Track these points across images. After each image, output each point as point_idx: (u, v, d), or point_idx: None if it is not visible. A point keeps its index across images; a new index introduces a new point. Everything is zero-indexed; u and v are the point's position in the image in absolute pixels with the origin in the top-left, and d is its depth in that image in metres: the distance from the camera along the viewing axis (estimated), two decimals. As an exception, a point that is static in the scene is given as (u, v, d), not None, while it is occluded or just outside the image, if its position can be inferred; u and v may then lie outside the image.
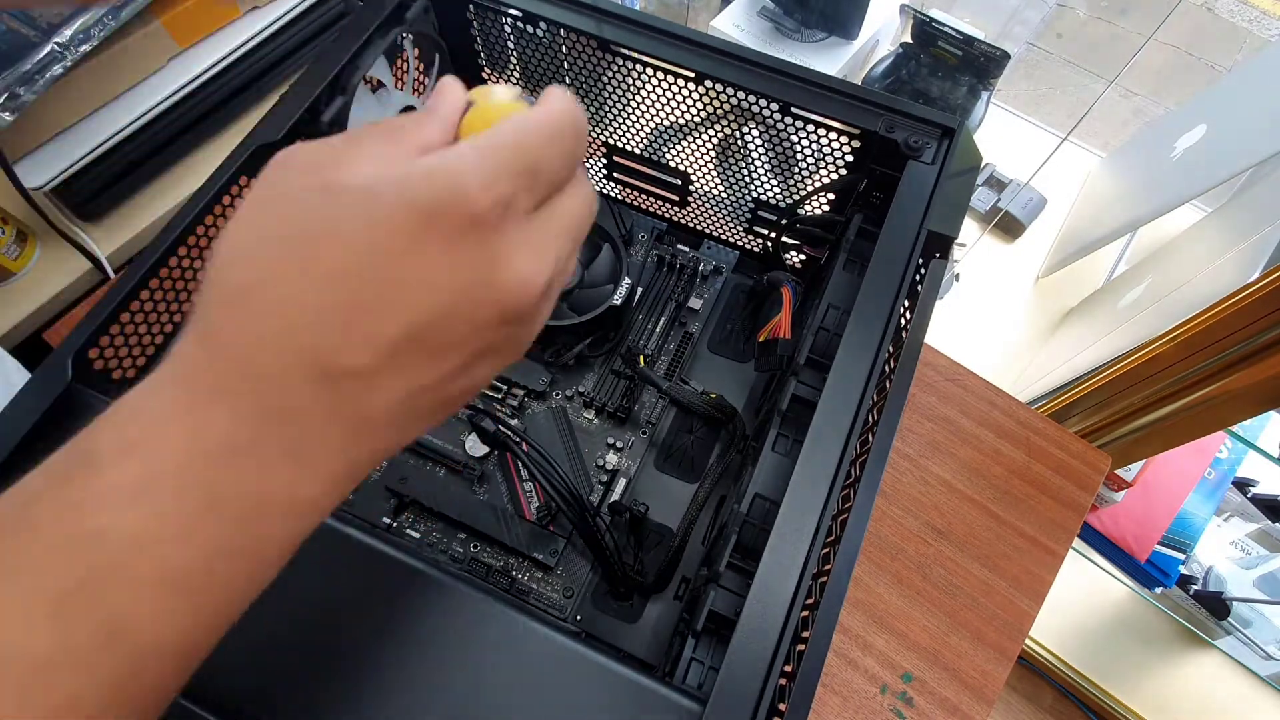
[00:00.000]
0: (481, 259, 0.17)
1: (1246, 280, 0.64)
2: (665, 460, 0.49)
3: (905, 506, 0.57)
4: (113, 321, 0.34)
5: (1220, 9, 1.69)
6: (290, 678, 0.27)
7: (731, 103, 0.43)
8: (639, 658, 0.43)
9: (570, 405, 0.51)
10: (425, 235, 0.17)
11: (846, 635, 0.52)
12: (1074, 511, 0.57)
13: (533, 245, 0.18)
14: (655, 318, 0.54)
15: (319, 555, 0.28)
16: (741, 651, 0.27)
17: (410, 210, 0.16)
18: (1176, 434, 0.78)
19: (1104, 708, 1.03)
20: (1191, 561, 1.00)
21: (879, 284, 0.35)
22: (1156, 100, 1.57)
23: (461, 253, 0.17)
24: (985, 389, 0.62)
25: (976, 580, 0.54)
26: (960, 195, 0.37)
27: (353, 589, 0.28)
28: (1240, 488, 1.04)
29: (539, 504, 0.47)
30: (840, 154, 0.43)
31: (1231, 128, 0.95)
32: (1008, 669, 0.51)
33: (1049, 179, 1.18)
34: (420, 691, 0.26)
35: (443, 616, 0.28)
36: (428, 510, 0.47)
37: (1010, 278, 1.20)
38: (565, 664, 0.27)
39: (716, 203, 0.52)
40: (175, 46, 0.71)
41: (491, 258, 0.17)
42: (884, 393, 0.33)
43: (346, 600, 0.28)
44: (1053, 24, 1.60)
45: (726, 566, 0.33)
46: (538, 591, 0.45)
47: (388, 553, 0.29)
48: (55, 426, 0.30)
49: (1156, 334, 0.74)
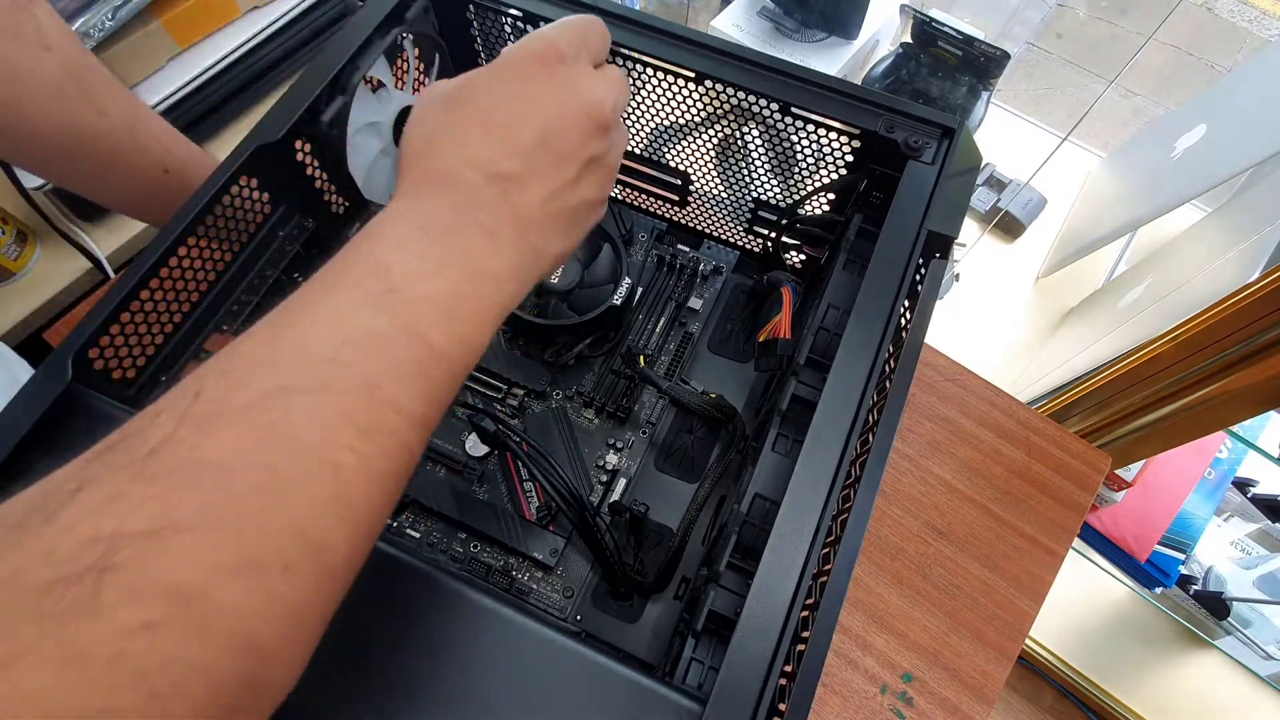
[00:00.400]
0: (572, 82, 0.27)
1: (1246, 280, 0.64)
2: (665, 460, 0.49)
3: (905, 506, 0.57)
4: (113, 321, 0.34)
5: (1220, 9, 1.69)
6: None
7: (731, 103, 0.43)
8: (639, 658, 0.43)
9: (570, 405, 0.51)
10: (535, 70, 0.26)
11: (846, 635, 0.52)
12: (1074, 511, 0.57)
13: (601, 78, 0.28)
14: (655, 318, 0.54)
15: (319, 555, 0.28)
16: (741, 651, 0.27)
17: (523, 56, 0.27)
18: (1176, 434, 0.78)
19: (1104, 708, 1.03)
20: (1191, 561, 1.00)
21: (879, 284, 0.35)
22: (1156, 100, 1.57)
23: (560, 79, 0.27)
24: (985, 389, 0.62)
25: (976, 580, 0.54)
26: (960, 195, 0.37)
27: (351, 589, 0.28)
28: (1240, 488, 1.04)
29: (539, 504, 0.47)
30: (840, 154, 0.43)
31: (1231, 128, 0.95)
32: (1008, 669, 0.51)
33: (1049, 179, 1.18)
34: (419, 691, 0.26)
35: (442, 616, 0.28)
36: (428, 510, 0.47)
37: (1010, 278, 1.20)
38: (565, 664, 0.27)
39: (716, 203, 0.52)
40: (175, 46, 0.71)
41: (577, 82, 0.27)
42: (884, 393, 0.33)
43: (346, 600, 0.28)
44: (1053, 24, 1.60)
45: (726, 566, 0.33)
46: (538, 591, 0.45)
47: (388, 553, 0.29)
48: (55, 426, 0.30)
49: (1156, 334, 0.74)
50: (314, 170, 0.43)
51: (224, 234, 0.39)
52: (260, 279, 0.42)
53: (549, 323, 0.49)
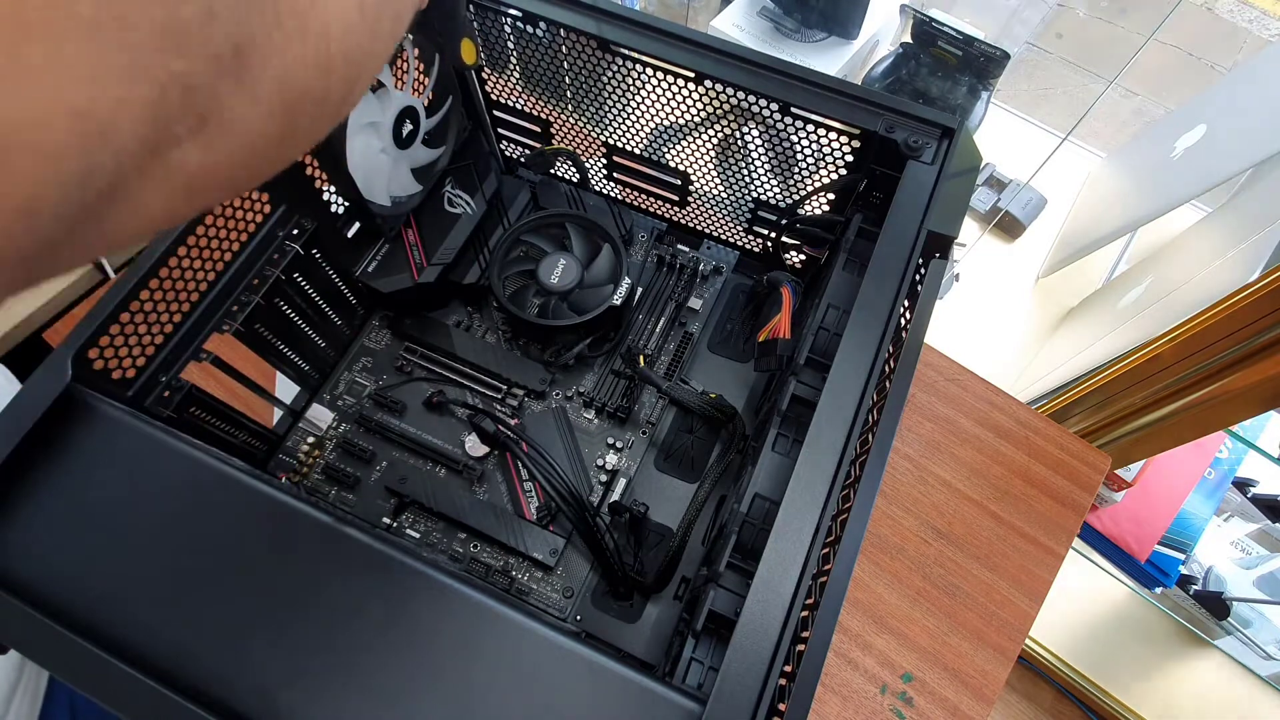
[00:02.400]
0: None
1: (1246, 280, 0.64)
2: (665, 460, 0.49)
3: (905, 506, 0.57)
4: (113, 321, 0.34)
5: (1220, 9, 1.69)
6: (290, 677, 0.27)
7: (731, 103, 0.43)
8: (639, 658, 0.43)
9: (570, 405, 0.51)
10: None
11: (846, 635, 0.52)
12: (1074, 511, 0.57)
13: None
14: (655, 318, 0.54)
15: (320, 556, 0.28)
16: (741, 651, 0.27)
17: None
18: (1176, 434, 0.78)
19: (1104, 708, 1.03)
20: (1191, 561, 1.00)
21: (879, 284, 0.35)
22: (1156, 100, 1.57)
23: None
24: (985, 389, 0.62)
25: (976, 580, 0.54)
26: (960, 195, 0.37)
27: (353, 589, 0.28)
28: (1240, 488, 1.04)
29: (539, 504, 0.47)
30: (840, 154, 0.43)
31: (1231, 128, 0.94)
32: (1008, 669, 0.51)
33: (1049, 179, 1.18)
34: (420, 691, 0.26)
35: (443, 617, 0.28)
36: (428, 510, 0.47)
37: (1010, 278, 1.20)
38: (565, 664, 0.27)
39: (716, 203, 0.52)
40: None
41: None
42: (884, 393, 0.33)
43: (346, 600, 0.28)
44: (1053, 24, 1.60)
45: (726, 566, 0.33)
46: (537, 591, 0.45)
47: (388, 553, 0.29)
48: (55, 426, 0.30)
49: (1156, 334, 0.74)
50: (314, 170, 0.43)
51: (223, 234, 0.39)
52: (260, 279, 0.42)
53: (549, 323, 0.49)
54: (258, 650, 0.27)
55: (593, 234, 0.53)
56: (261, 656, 0.27)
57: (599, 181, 0.56)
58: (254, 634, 0.27)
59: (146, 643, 0.27)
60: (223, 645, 0.27)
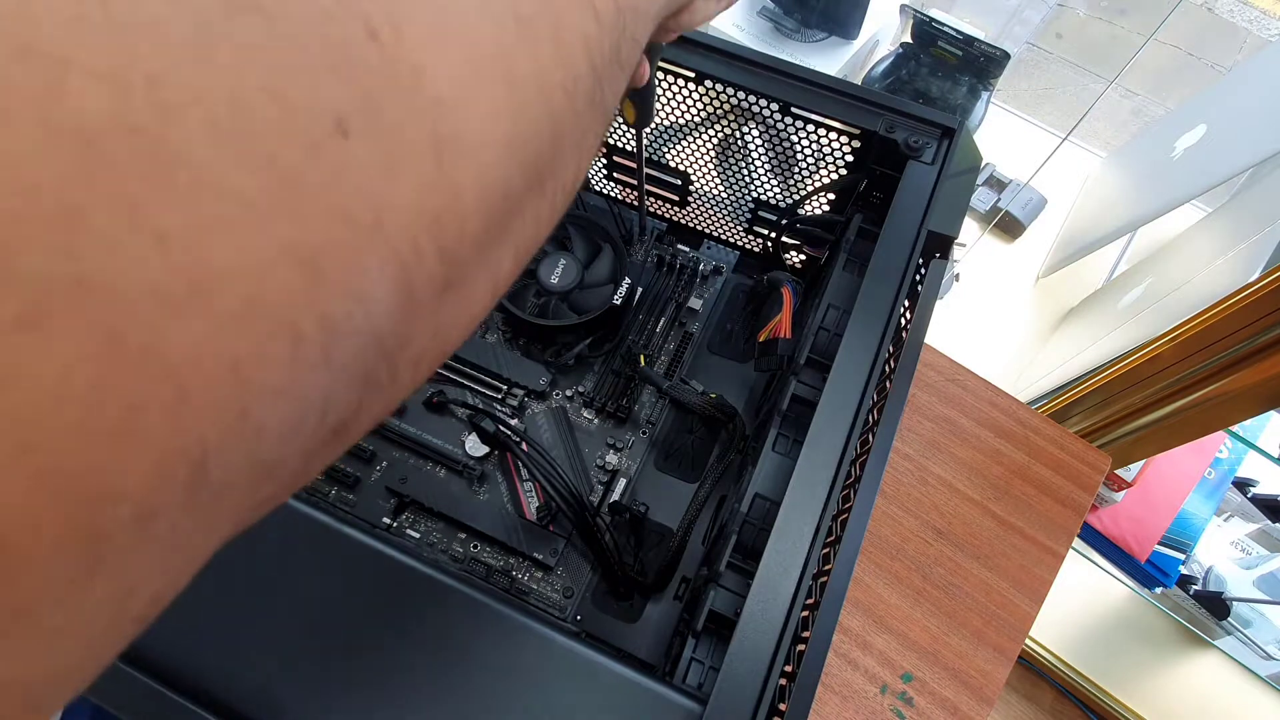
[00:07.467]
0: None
1: (1246, 280, 0.64)
2: (665, 460, 0.49)
3: (905, 506, 0.57)
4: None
5: (1220, 9, 1.69)
6: (291, 678, 0.27)
7: (731, 103, 0.43)
8: (639, 658, 0.43)
9: (570, 405, 0.51)
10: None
11: (846, 635, 0.52)
12: (1074, 511, 0.57)
13: None
14: (655, 318, 0.54)
15: (320, 556, 0.28)
16: (741, 651, 0.27)
17: None
18: (1176, 434, 0.78)
19: (1104, 708, 1.03)
20: (1191, 561, 1.00)
21: (879, 284, 0.35)
22: (1156, 100, 1.57)
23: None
24: (985, 389, 0.62)
25: (976, 580, 0.54)
26: (960, 195, 0.37)
27: (353, 589, 0.28)
28: (1240, 488, 1.04)
29: (539, 504, 0.47)
30: (840, 154, 0.43)
31: (1231, 128, 0.95)
32: (1008, 669, 0.51)
33: (1049, 179, 1.18)
34: (420, 691, 0.26)
35: (443, 617, 0.28)
36: (428, 510, 0.47)
37: (1010, 278, 1.20)
38: (565, 664, 0.27)
39: (716, 203, 0.52)
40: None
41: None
42: (884, 393, 0.33)
43: (346, 600, 0.28)
44: (1053, 24, 1.60)
45: (726, 566, 0.33)
46: (538, 591, 0.45)
47: (388, 553, 0.29)
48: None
49: (1156, 334, 0.74)
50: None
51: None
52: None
53: (549, 323, 0.49)
54: (256, 649, 0.27)
55: (593, 234, 0.53)
56: (260, 656, 0.27)
57: (599, 181, 0.56)
58: (253, 633, 0.27)
59: (144, 642, 0.27)
60: (221, 645, 0.27)
